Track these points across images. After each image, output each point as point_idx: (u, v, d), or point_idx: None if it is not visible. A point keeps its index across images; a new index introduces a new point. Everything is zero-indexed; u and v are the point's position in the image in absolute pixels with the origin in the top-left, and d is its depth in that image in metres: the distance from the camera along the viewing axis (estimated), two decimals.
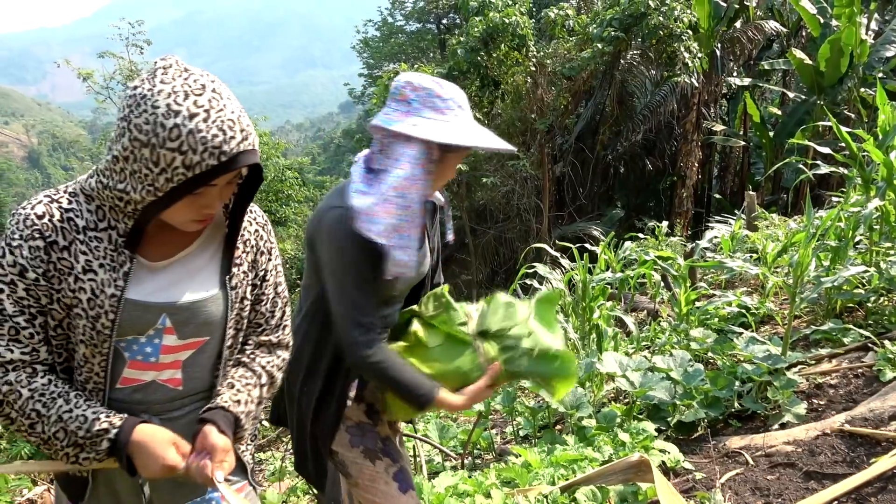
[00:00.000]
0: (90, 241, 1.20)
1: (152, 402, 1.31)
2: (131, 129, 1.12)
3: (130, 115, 1.12)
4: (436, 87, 1.58)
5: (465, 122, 1.60)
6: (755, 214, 7.43)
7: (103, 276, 1.20)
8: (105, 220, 1.21)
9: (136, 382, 1.29)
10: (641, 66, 13.42)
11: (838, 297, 3.88)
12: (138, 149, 1.12)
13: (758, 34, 13.46)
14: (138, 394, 1.30)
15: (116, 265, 1.21)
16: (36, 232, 1.17)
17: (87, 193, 1.22)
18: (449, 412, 1.50)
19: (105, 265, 1.20)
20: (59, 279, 1.19)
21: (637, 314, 5.97)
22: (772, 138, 13.92)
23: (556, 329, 1.75)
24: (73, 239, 1.19)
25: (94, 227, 1.20)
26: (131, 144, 1.13)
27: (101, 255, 1.20)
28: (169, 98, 1.11)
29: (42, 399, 1.18)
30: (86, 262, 1.19)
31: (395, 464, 1.77)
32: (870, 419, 2.61)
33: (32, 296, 1.18)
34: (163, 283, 1.27)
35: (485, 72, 11.96)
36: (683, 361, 3.20)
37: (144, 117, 1.11)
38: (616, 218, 14.04)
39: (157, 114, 1.11)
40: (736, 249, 5.85)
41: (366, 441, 1.76)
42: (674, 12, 10.94)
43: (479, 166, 12.54)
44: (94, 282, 1.19)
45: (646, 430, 2.84)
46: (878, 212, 3.95)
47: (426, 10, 24.74)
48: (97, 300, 1.20)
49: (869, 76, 12.63)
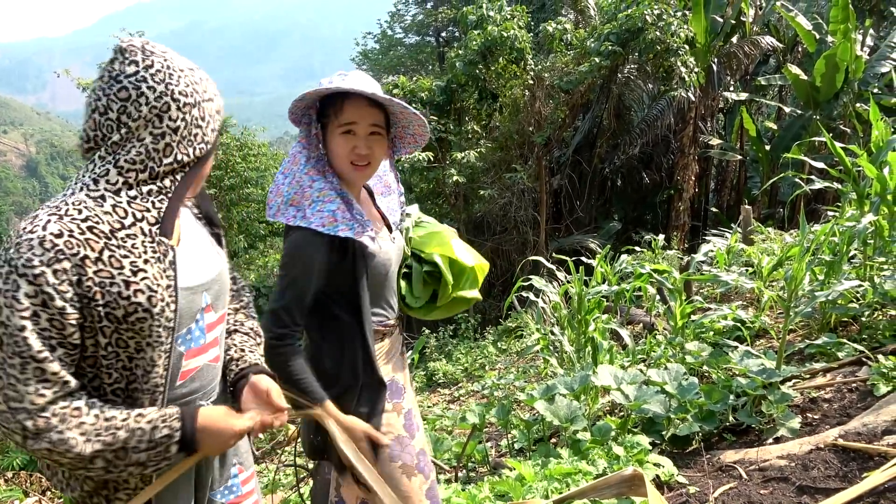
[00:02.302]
0: (124, 242, 1.14)
1: (205, 385, 1.33)
2: (177, 98, 1.16)
3: (169, 86, 1.16)
4: (328, 77, 1.65)
5: (313, 90, 1.61)
6: (751, 228, 7.46)
7: (153, 271, 1.16)
8: (128, 215, 1.15)
9: (193, 371, 1.30)
10: (639, 80, 13.51)
11: (833, 312, 3.89)
12: (188, 112, 1.18)
13: (754, 49, 13.57)
14: (196, 382, 1.31)
15: (160, 255, 1.18)
16: (59, 254, 1.06)
17: (95, 197, 1.14)
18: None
19: (150, 259, 1.16)
20: (102, 293, 1.10)
21: (633, 327, 5.97)
22: (768, 152, 14.00)
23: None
24: (103, 246, 1.11)
25: (120, 226, 1.14)
26: (181, 112, 1.17)
27: (142, 250, 1.15)
28: (177, 61, 1.19)
29: (94, 428, 1.10)
30: (131, 263, 1.13)
31: (428, 479, 1.79)
32: (863, 434, 2.61)
33: (56, 326, 1.07)
34: (191, 262, 1.28)
35: (483, 85, 12.01)
36: (678, 375, 3.20)
37: (184, 82, 1.18)
38: (613, 231, 14.08)
39: (189, 75, 1.19)
40: (732, 263, 5.87)
41: (404, 456, 1.75)
42: (671, 27, 11.03)
43: (476, 178, 12.57)
44: (148, 279, 1.15)
45: (640, 444, 2.84)
46: (872, 226, 3.97)
47: (425, 23, 24.88)
48: (157, 295, 1.15)
49: (864, 92, 12.73)
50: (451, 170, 11.75)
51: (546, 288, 4.77)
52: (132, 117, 1.14)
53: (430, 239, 1.93)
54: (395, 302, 1.83)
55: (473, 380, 7.07)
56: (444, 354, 8.97)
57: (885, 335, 3.56)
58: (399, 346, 1.88)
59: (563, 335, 4.37)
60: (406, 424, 1.79)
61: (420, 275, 1.91)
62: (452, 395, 6.72)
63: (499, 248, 12.88)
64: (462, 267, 1.91)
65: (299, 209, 1.59)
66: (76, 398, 1.12)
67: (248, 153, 16.01)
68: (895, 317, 3.66)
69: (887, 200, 4.07)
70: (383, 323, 1.78)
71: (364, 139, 1.64)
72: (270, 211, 1.64)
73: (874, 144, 4.32)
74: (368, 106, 1.63)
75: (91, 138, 1.16)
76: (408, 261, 1.93)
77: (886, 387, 2.96)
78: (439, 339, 9.70)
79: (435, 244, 1.91)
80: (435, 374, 7.78)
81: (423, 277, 1.91)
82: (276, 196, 1.66)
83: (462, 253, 1.92)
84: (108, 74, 1.15)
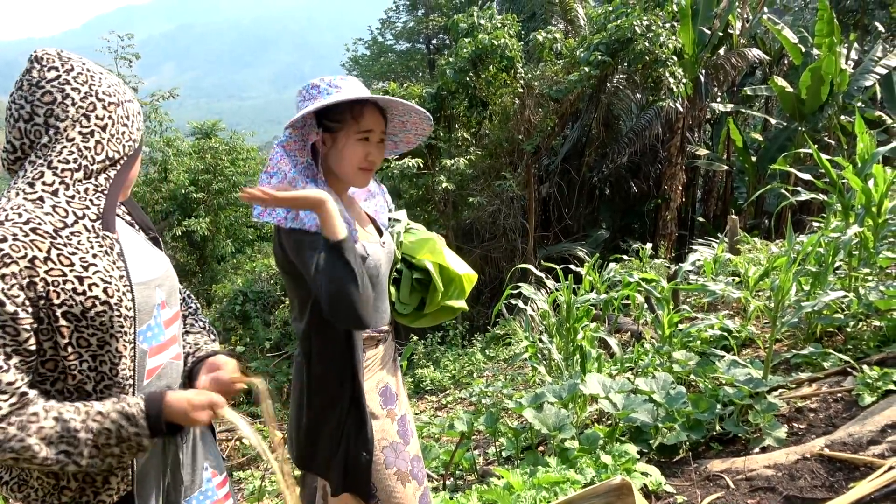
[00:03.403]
0: (70, 240, 1.14)
1: (172, 384, 1.34)
2: (101, 98, 1.20)
3: (93, 87, 1.20)
4: (316, 81, 1.66)
5: (337, 97, 1.61)
6: (738, 238, 7.52)
7: (103, 264, 1.16)
8: (69, 214, 1.15)
9: (158, 369, 1.30)
10: (627, 90, 13.61)
11: (818, 322, 3.93)
12: (113, 111, 1.22)
13: (741, 61, 13.72)
14: (162, 380, 1.31)
15: (107, 248, 1.19)
16: (6, 258, 1.06)
17: (34, 199, 1.14)
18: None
19: (98, 253, 1.17)
20: (57, 293, 1.10)
21: (621, 335, 5.99)
22: (754, 163, 14.14)
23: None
24: (50, 246, 1.11)
25: (63, 225, 1.14)
26: (106, 111, 1.21)
27: (89, 246, 1.16)
28: (94, 66, 1.23)
29: (55, 432, 1.09)
30: (80, 259, 1.13)
31: (421, 486, 1.78)
32: (849, 444, 2.63)
33: (10, 333, 1.07)
34: (137, 259, 1.28)
35: (473, 92, 12.05)
36: (666, 384, 3.21)
37: (105, 83, 1.22)
38: (601, 239, 14.13)
39: (108, 78, 1.24)
40: (718, 272, 5.90)
41: (399, 462, 1.75)
42: (659, 38, 11.12)
43: (465, 185, 12.58)
44: (100, 272, 1.15)
45: (628, 453, 2.84)
46: (857, 238, 4.01)
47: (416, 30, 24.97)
48: (111, 286, 1.16)
49: (848, 104, 12.91)
50: (440, 177, 11.75)
51: (535, 296, 4.77)
52: (59, 118, 1.17)
53: (421, 245, 1.93)
54: (386, 307, 1.82)
55: (461, 387, 7.05)
56: (431, 361, 8.94)
57: (869, 346, 3.59)
58: (392, 352, 1.87)
59: (551, 343, 4.37)
60: (400, 430, 1.78)
61: (409, 281, 1.91)
62: (440, 403, 6.70)
63: (488, 256, 12.89)
64: (452, 275, 1.91)
65: (289, 210, 1.57)
66: (33, 404, 1.11)
67: (236, 157, 15.94)
68: (880, 327, 3.70)
69: (872, 212, 4.11)
70: (377, 328, 1.77)
71: (375, 146, 1.69)
72: (256, 211, 1.61)
73: (859, 157, 4.37)
74: (379, 114, 1.70)
75: (17, 147, 1.19)
76: (398, 265, 1.92)
77: (871, 397, 2.99)
78: (427, 346, 9.67)
79: (426, 251, 1.91)
80: (423, 380, 7.76)
81: (411, 284, 1.91)
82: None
83: (452, 261, 1.93)
84: (27, 83, 1.18)
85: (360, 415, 1.67)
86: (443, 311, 1.94)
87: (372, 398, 1.74)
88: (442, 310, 1.93)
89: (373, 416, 1.72)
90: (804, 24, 17.25)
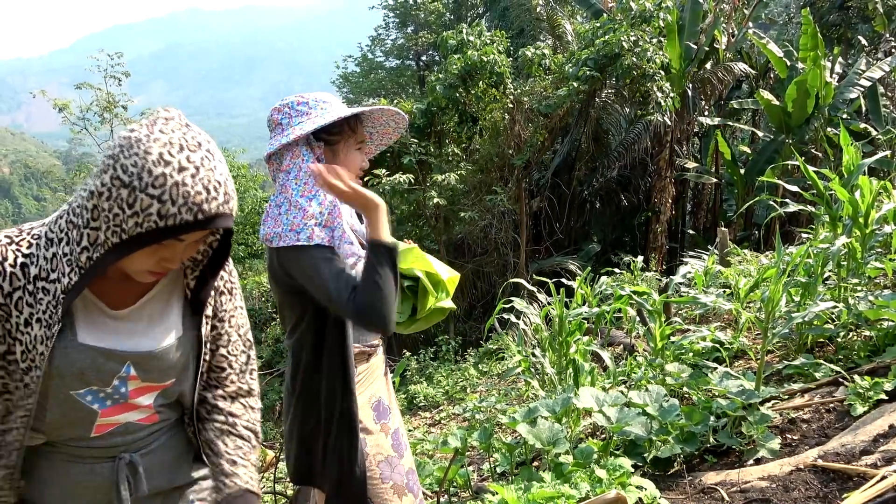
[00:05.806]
0: (37, 293, 1.16)
1: (131, 441, 1.29)
2: (116, 168, 1.09)
3: (120, 155, 1.10)
4: (296, 99, 1.75)
5: (333, 111, 1.74)
6: (728, 250, 7.56)
7: (37, 332, 1.16)
8: (56, 270, 1.16)
9: (112, 427, 1.26)
10: (616, 105, 13.74)
11: (809, 333, 3.94)
12: (117, 188, 1.09)
13: (727, 75, 13.89)
14: (116, 437, 1.27)
15: (52, 323, 1.17)
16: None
17: (49, 237, 1.17)
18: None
19: (42, 321, 1.16)
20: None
21: (613, 349, 5.99)
22: (743, 176, 14.26)
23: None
24: (20, 286, 1.15)
25: (45, 276, 1.16)
26: (111, 182, 1.10)
27: (43, 308, 1.16)
28: (164, 147, 1.09)
29: None
30: (29, 314, 1.16)
31: (417, 498, 1.80)
32: (842, 454, 2.63)
33: None
34: (125, 332, 1.25)
35: (463, 108, 12.12)
36: (659, 396, 3.21)
37: (134, 160, 1.09)
38: (592, 252, 14.18)
39: (147, 159, 1.09)
40: (709, 285, 5.93)
41: (395, 476, 1.76)
42: (646, 53, 11.25)
43: (456, 200, 12.62)
44: (29, 336, 1.16)
45: (622, 466, 2.83)
46: (845, 248, 4.04)
47: (406, 46, 25.14)
48: (29, 354, 1.16)
49: (834, 117, 13.07)
50: (431, 192, 11.79)
51: (527, 310, 4.77)
52: (99, 166, 1.17)
53: (405, 255, 1.98)
54: None
55: (455, 402, 7.02)
56: (424, 377, 8.90)
57: (860, 355, 3.61)
58: (383, 365, 1.89)
59: (544, 357, 4.37)
60: (394, 444, 1.80)
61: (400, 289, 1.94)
62: (433, 419, 6.66)
63: (479, 270, 12.90)
64: (438, 279, 1.99)
65: (302, 229, 1.63)
66: None
67: None
68: (870, 337, 3.72)
69: (859, 223, 4.15)
70: (367, 342, 1.78)
71: (363, 154, 1.85)
72: (270, 235, 1.68)
73: (845, 168, 4.42)
74: (361, 125, 1.85)
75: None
76: None
77: (863, 407, 2.99)
78: (420, 362, 9.63)
79: (411, 259, 1.97)
80: (416, 396, 7.72)
81: (402, 292, 1.94)
82: (274, 225, 1.68)
83: (437, 266, 2.02)
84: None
85: (352, 429, 1.67)
86: (434, 313, 2.01)
87: (365, 413, 1.74)
88: (433, 312, 1.99)
89: (367, 431, 1.73)
90: (789, 38, 17.51)
